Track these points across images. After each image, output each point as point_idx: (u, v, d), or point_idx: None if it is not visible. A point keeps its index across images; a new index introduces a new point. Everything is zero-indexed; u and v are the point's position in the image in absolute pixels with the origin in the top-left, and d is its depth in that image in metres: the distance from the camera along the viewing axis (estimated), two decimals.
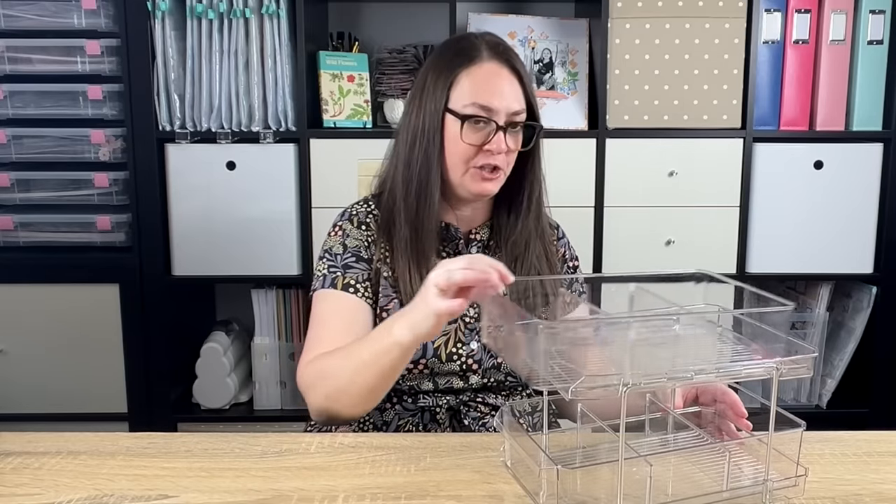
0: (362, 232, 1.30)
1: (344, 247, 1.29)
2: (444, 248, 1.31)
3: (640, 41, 2.08)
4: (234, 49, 2.07)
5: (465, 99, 1.24)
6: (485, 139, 1.23)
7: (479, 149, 1.24)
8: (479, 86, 1.24)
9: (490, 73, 1.25)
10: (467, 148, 1.24)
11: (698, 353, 0.96)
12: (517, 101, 1.25)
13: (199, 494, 0.95)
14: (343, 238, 1.30)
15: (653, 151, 2.11)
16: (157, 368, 2.17)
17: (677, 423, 1.08)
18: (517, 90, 1.26)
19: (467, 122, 1.23)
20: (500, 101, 1.23)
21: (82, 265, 2.13)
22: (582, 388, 0.84)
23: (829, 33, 2.09)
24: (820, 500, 0.94)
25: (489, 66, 1.25)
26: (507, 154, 1.26)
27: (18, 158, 2.13)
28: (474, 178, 1.25)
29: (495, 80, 1.24)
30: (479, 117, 1.23)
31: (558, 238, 1.42)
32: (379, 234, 1.30)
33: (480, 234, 1.33)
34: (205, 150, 2.09)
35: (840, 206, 2.15)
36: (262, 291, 2.24)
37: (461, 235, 1.32)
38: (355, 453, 1.07)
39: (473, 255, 1.12)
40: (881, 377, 2.23)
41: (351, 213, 1.33)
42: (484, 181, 1.25)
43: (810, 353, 0.92)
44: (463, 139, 1.23)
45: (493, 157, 1.24)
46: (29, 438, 1.11)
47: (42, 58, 2.09)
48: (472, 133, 1.23)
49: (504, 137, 1.23)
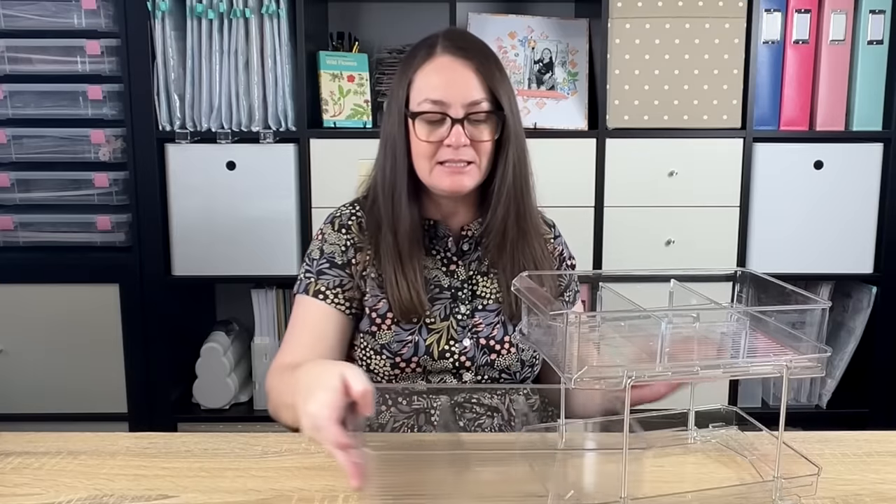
0: (341, 236, 1.30)
1: (321, 252, 1.30)
2: (434, 247, 1.31)
3: (640, 41, 2.08)
4: (234, 49, 2.07)
5: (419, 97, 1.22)
6: (444, 135, 1.21)
7: (438, 145, 1.22)
8: (431, 81, 1.22)
9: (441, 67, 1.22)
10: (427, 145, 1.22)
11: (710, 350, 0.96)
12: (476, 91, 1.21)
13: (199, 494, 0.95)
14: (321, 243, 1.31)
15: (653, 151, 2.10)
16: (157, 368, 2.17)
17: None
18: (474, 80, 1.21)
19: (419, 120, 1.22)
20: (452, 94, 1.20)
21: (82, 265, 2.13)
22: (587, 378, 0.85)
23: (829, 33, 2.09)
24: (820, 500, 0.94)
25: (441, 61, 1.22)
26: (476, 146, 1.22)
27: (18, 158, 2.13)
28: (441, 174, 1.23)
29: (446, 72, 1.22)
30: (431, 112, 1.21)
31: (554, 237, 1.40)
32: (365, 237, 1.30)
33: (472, 230, 1.32)
34: (205, 150, 2.09)
35: (840, 206, 2.15)
36: (262, 291, 2.24)
37: (450, 233, 1.31)
38: None
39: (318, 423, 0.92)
40: (881, 377, 2.23)
41: (334, 217, 1.33)
42: (452, 176, 1.23)
43: (823, 353, 0.92)
44: (418, 136, 1.22)
45: (455, 152, 1.21)
46: (29, 438, 1.11)
47: (42, 58, 2.09)
48: (428, 130, 1.22)
49: (463, 130, 1.20)
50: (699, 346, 0.96)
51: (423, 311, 1.25)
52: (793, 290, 0.98)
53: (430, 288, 1.28)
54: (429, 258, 1.30)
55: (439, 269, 1.30)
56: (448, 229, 1.31)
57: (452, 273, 1.30)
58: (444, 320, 1.27)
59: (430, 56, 1.23)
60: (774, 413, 0.93)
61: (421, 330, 1.26)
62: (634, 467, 0.88)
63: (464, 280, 1.30)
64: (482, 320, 1.28)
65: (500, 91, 1.23)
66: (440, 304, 1.28)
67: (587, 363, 0.86)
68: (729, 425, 1.13)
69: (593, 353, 0.91)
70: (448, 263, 1.30)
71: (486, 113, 1.22)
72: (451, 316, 1.27)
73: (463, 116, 1.21)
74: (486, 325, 1.28)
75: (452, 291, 1.29)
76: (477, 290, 1.30)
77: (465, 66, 1.22)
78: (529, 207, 1.30)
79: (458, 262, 1.31)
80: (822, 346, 0.92)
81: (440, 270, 1.30)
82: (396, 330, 1.26)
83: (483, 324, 1.28)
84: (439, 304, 1.28)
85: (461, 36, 1.28)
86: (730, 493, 0.94)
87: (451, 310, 1.28)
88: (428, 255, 1.30)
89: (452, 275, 1.30)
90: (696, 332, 0.96)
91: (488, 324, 1.28)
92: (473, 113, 1.21)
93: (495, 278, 1.30)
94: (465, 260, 1.31)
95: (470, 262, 1.31)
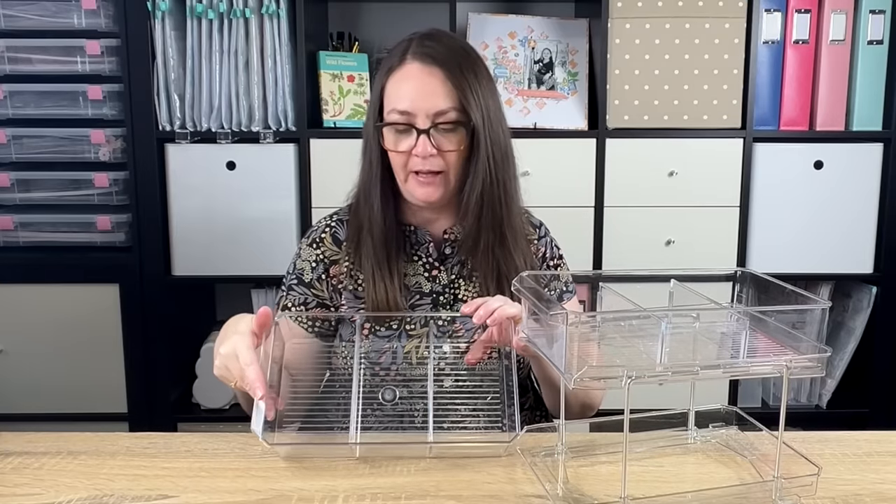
0: (312, 251, 1.30)
1: (294, 266, 1.31)
2: (416, 252, 1.30)
3: (640, 41, 2.08)
4: (234, 49, 2.07)
5: (388, 105, 1.21)
6: (412, 144, 1.20)
7: (409, 154, 1.20)
8: (398, 90, 1.20)
9: (408, 76, 1.20)
10: (397, 154, 1.22)
11: (710, 350, 0.96)
12: (442, 100, 1.18)
13: (199, 494, 0.95)
14: (296, 258, 1.32)
15: (653, 151, 2.10)
16: (157, 368, 2.17)
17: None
18: (442, 89, 1.19)
19: (386, 130, 1.21)
20: (417, 104, 1.18)
21: (82, 265, 2.14)
22: (586, 378, 0.85)
23: (829, 33, 2.09)
24: (820, 500, 0.94)
25: (410, 68, 1.20)
26: (444, 156, 1.20)
27: (18, 158, 2.13)
28: (414, 184, 1.22)
29: (413, 81, 1.19)
30: (396, 123, 1.20)
31: (539, 237, 1.36)
32: (341, 249, 1.29)
33: (454, 234, 1.30)
34: (205, 150, 2.09)
35: (840, 207, 2.15)
36: (262, 291, 2.25)
37: (431, 238, 1.30)
38: None
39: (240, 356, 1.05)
40: (881, 377, 2.23)
41: (311, 231, 1.34)
42: (423, 187, 1.22)
43: (823, 353, 0.91)
44: (385, 146, 1.22)
45: (423, 162, 1.19)
46: (29, 438, 1.11)
47: (42, 58, 2.09)
48: (396, 139, 1.21)
49: (429, 140, 1.18)
50: (698, 346, 0.96)
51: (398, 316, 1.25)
52: (793, 290, 0.98)
53: (411, 295, 1.27)
54: (410, 264, 1.29)
55: (421, 275, 1.29)
56: (429, 234, 1.30)
57: (434, 278, 1.29)
58: (424, 326, 1.26)
59: (402, 62, 1.21)
60: (774, 413, 0.93)
61: (400, 336, 1.25)
62: None
63: (445, 284, 1.29)
64: (462, 325, 1.26)
65: (469, 99, 1.19)
66: (421, 311, 1.27)
67: (587, 363, 0.86)
68: (729, 425, 1.13)
69: (593, 353, 0.91)
70: (430, 269, 1.29)
71: (454, 123, 1.20)
72: (432, 321, 1.26)
73: (429, 127, 1.19)
74: (465, 329, 1.26)
75: (434, 296, 1.28)
76: (458, 294, 1.29)
77: (433, 74, 1.19)
78: (509, 213, 1.26)
79: (439, 267, 1.29)
80: (822, 346, 0.92)
81: (422, 276, 1.29)
82: (373, 339, 1.25)
83: (463, 329, 1.26)
84: (420, 310, 1.27)
85: (436, 40, 1.23)
86: (730, 493, 0.94)
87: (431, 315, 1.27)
88: (409, 262, 1.29)
89: (434, 279, 1.29)
90: (695, 332, 0.96)
91: (468, 329, 1.26)
92: (441, 123, 1.19)
93: (476, 282, 1.29)
94: (446, 264, 1.30)
95: (452, 266, 1.30)
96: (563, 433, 1.03)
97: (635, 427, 1.09)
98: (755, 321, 0.96)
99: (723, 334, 1.00)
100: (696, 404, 1.13)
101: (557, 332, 0.88)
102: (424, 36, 1.24)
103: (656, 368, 0.87)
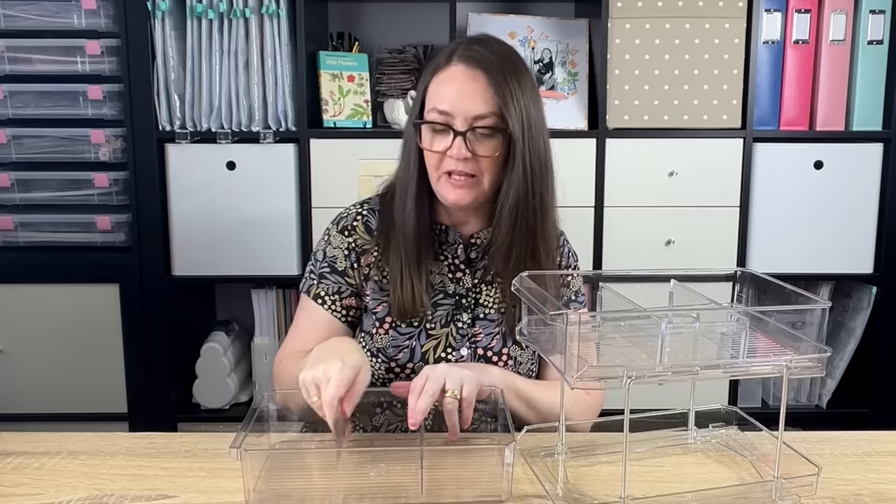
0: (344, 238, 1.30)
1: (324, 254, 1.30)
2: (443, 252, 1.30)
3: (640, 41, 2.08)
4: (234, 49, 2.07)
5: (430, 104, 1.22)
6: (448, 145, 1.19)
7: (443, 155, 1.20)
8: (441, 90, 1.20)
9: (452, 77, 1.20)
10: (432, 154, 1.21)
11: (710, 350, 0.96)
12: (483, 104, 1.18)
13: (199, 494, 0.95)
14: (325, 245, 1.31)
15: (653, 151, 2.10)
16: (157, 368, 2.17)
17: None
18: (483, 94, 1.18)
19: (424, 128, 1.22)
20: (457, 105, 1.18)
21: (82, 265, 2.13)
22: (586, 377, 0.85)
23: (829, 33, 2.09)
24: (820, 500, 0.94)
25: (455, 70, 1.20)
26: (478, 160, 1.19)
27: (18, 158, 2.13)
28: (446, 185, 1.22)
29: (456, 83, 1.19)
30: (435, 123, 1.20)
31: (558, 247, 1.34)
32: (371, 238, 1.29)
33: (481, 239, 1.30)
34: (205, 150, 2.09)
35: (840, 206, 2.15)
36: (262, 291, 2.24)
37: (461, 239, 1.30)
38: (355, 453, 1.07)
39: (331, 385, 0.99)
40: (881, 377, 2.23)
41: (340, 217, 1.33)
42: (455, 189, 1.21)
43: (823, 353, 0.92)
44: (422, 144, 1.22)
45: (457, 164, 1.19)
46: (29, 438, 1.12)
47: (42, 58, 2.09)
48: (433, 139, 1.21)
49: (465, 143, 1.17)
50: (698, 346, 0.96)
51: (422, 313, 1.25)
52: (793, 290, 0.98)
53: (435, 293, 1.28)
54: (436, 263, 1.29)
55: (445, 276, 1.29)
56: (459, 235, 1.30)
57: (458, 280, 1.29)
58: (444, 327, 1.26)
59: (447, 63, 1.22)
60: (774, 413, 0.93)
61: (420, 335, 1.25)
62: None
63: (469, 288, 1.29)
64: (482, 330, 1.27)
65: (510, 107, 1.18)
66: (442, 311, 1.27)
67: (587, 363, 0.86)
68: (729, 425, 1.14)
69: (593, 353, 0.91)
70: (455, 270, 1.30)
71: (491, 128, 1.19)
72: (452, 323, 1.27)
73: (466, 130, 1.18)
74: (485, 335, 1.27)
75: (457, 298, 1.28)
76: (480, 298, 1.29)
77: (476, 77, 1.19)
78: (544, 224, 1.25)
79: (464, 270, 1.30)
80: (822, 346, 0.92)
81: (446, 277, 1.29)
82: (394, 335, 1.26)
83: (482, 334, 1.27)
84: (442, 310, 1.27)
85: (483, 44, 1.23)
86: (730, 493, 0.95)
87: (452, 317, 1.27)
88: (436, 261, 1.29)
89: (458, 282, 1.29)
90: (695, 332, 0.96)
91: (487, 334, 1.27)
92: (478, 127, 1.19)
93: (499, 288, 1.29)
94: (471, 268, 1.30)
95: (476, 270, 1.30)
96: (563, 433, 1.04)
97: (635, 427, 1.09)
98: (755, 321, 0.96)
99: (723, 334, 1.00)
100: (696, 404, 1.13)
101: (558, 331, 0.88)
102: (473, 40, 1.25)
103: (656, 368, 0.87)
